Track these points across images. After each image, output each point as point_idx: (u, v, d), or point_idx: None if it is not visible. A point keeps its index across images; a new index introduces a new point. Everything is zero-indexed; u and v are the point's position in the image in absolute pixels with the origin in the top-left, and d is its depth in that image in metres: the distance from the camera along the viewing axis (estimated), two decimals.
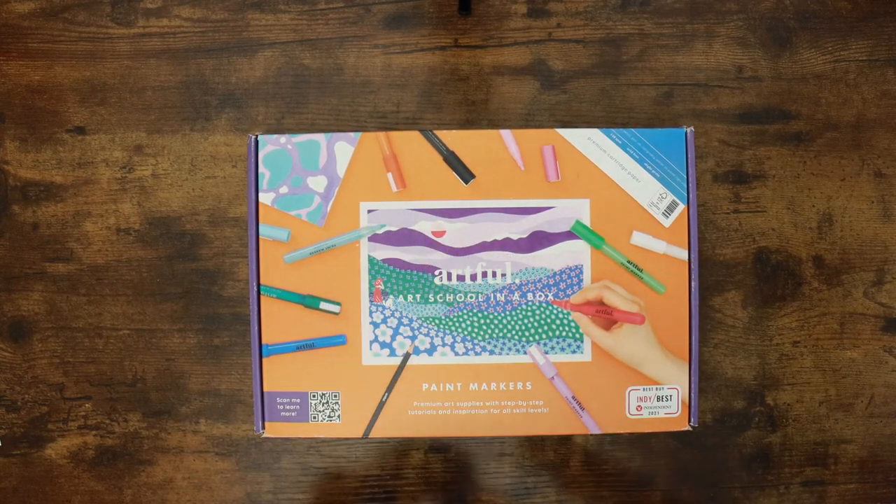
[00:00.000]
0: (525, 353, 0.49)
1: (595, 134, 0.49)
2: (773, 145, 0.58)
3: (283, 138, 0.49)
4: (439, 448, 0.57)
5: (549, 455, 0.57)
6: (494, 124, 0.58)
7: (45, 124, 0.58)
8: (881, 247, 0.59)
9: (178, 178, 0.58)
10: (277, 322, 0.49)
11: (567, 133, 0.49)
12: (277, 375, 0.49)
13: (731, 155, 0.58)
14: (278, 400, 0.49)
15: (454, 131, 0.49)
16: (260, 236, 0.49)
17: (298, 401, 0.49)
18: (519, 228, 0.49)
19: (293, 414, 0.49)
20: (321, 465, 0.57)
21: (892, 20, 0.59)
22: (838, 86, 0.59)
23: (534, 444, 0.57)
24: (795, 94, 0.59)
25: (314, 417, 0.49)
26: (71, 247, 0.58)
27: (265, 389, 0.49)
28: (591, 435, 0.50)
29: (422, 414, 0.49)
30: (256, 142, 0.49)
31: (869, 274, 0.58)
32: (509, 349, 0.49)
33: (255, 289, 0.49)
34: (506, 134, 0.49)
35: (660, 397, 0.49)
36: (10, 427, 0.57)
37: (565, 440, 0.57)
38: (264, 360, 0.49)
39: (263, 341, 0.49)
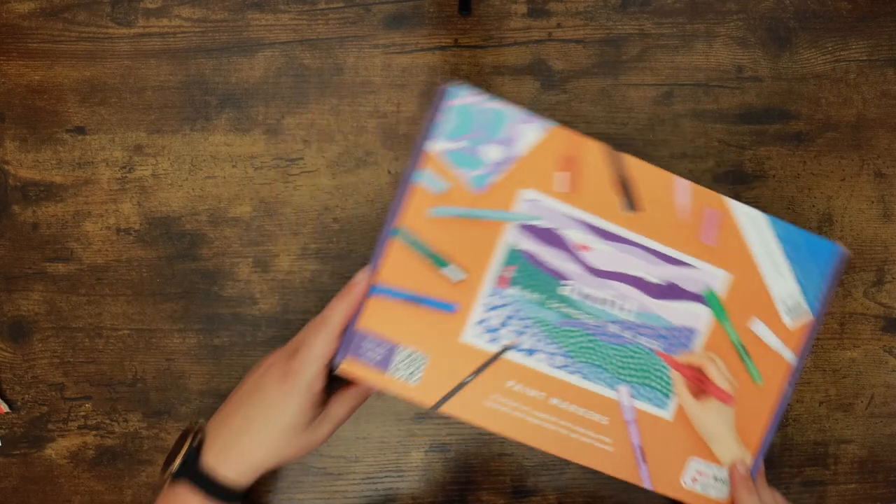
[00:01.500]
0: (614, 389, 0.49)
1: (759, 217, 0.49)
2: (773, 145, 0.58)
3: (477, 97, 0.48)
4: (439, 448, 0.57)
5: (550, 455, 0.57)
6: None
7: (45, 124, 0.58)
8: (881, 247, 0.59)
9: (178, 178, 0.58)
10: (398, 266, 0.48)
11: (735, 205, 0.49)
12: (375, 317, 0.48)
13: (731, 155, 0.58)
14: (366, 341, 0.48)
15: (636, 159, 0.48)
16: (416, 181, 0.48)
17: (386, 349, 0.48)
18: (657, 273, 0.49)
19: (376, 359, 0.48)
20: (321, 465, 0.57)
21: (892, 20, 0.59)
22: (838, 86, 0.59)
23: None
24: (795, 94, 0.59)
25: (394, 371, 0.48)
26: (71, 247, 0.58)
27: (358, 326, 0.48)
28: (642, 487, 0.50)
29: (496, 408, 0.48)
30: (446, 91, 0.48)
31: (869, 274, 0.58)
32: (601, 380, 0.49)
33: (390, 229, 0.48)
34: (680, 182, 0.49)
35: (716, 477, 0.49)
36: (10, 427, 0.57)
37: None
38: (370, 298, 0.48)
39: (377, 280, 0.48)
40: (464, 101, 0.48)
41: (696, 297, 0.49)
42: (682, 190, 0.49)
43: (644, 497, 0.58)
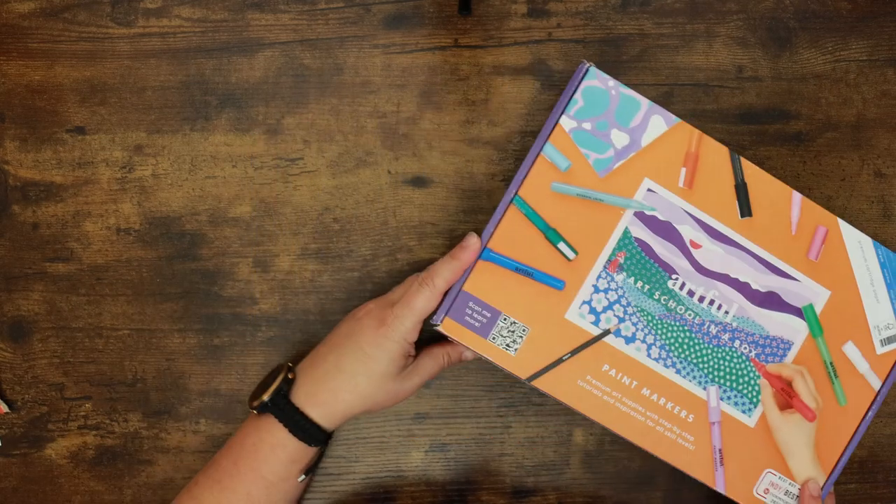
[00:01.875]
0: (704, 388, 0.49)
1: (866, 241, 0.50)
2: (773, 145, 0.58)
3: (611, 81, 0.49)
4: (439, 448, 0.58)
5: (549, 455, 0.57)
6: (495, 124, 0.58)
7: (45, 124, 0.58)
8: None
9: (178, 178, 0.58)
10: (511, 235, 0.49)
11: (844, 227, 0.50)
12: (482, 282, 0.48)
13: None
14: (470, 304, 0.48)
15: (756, 167, 0.49)
16: (543, 153, 0.49)
17: (489, 315, 0.48)
18: (761, 281, 0.50)
19: (477, 324, 0.48)
20: (321, 464, 0.57)
21: (892, 20, 0.59)
22: (838, 86, 0.59)
23: (534, 444, 0.57)
24: (795, 94, 0.59)
25: (494, 338, 0.48)
26: (71, 247, 0.58)
27: (464, 288, 0.48)
28: (715, 490, 0.50)
29: (588, 389, 0.49)
30: (587, 70, 0.49)
31: None
32: (693, 378, 0.49)
33: (511, 195, 0.48)
34: (796, 196, 0.49)
35: (788, 492, 0.50)
36: (10, 427, 0.57)
37: (565, 440, 0.57)
38: (480, 261, 0.48)
39: (490, 245, 0.48)
40: (599, 83, 0.49)
41: (795, 311, 0.50)
42: (797, 203, 0.50)
43: (644, 497, 0.58)
